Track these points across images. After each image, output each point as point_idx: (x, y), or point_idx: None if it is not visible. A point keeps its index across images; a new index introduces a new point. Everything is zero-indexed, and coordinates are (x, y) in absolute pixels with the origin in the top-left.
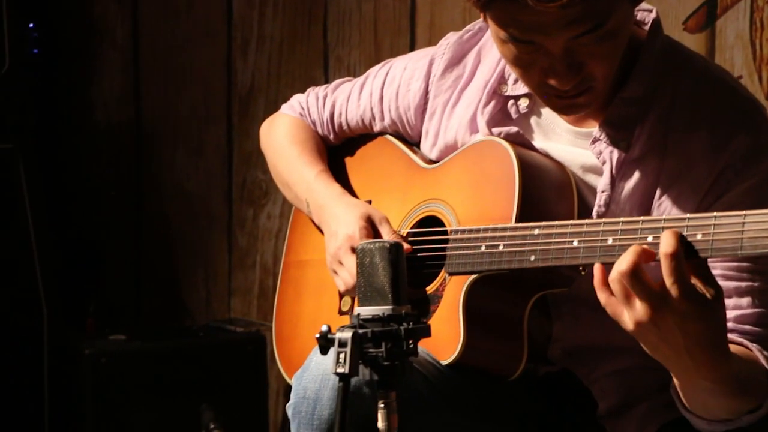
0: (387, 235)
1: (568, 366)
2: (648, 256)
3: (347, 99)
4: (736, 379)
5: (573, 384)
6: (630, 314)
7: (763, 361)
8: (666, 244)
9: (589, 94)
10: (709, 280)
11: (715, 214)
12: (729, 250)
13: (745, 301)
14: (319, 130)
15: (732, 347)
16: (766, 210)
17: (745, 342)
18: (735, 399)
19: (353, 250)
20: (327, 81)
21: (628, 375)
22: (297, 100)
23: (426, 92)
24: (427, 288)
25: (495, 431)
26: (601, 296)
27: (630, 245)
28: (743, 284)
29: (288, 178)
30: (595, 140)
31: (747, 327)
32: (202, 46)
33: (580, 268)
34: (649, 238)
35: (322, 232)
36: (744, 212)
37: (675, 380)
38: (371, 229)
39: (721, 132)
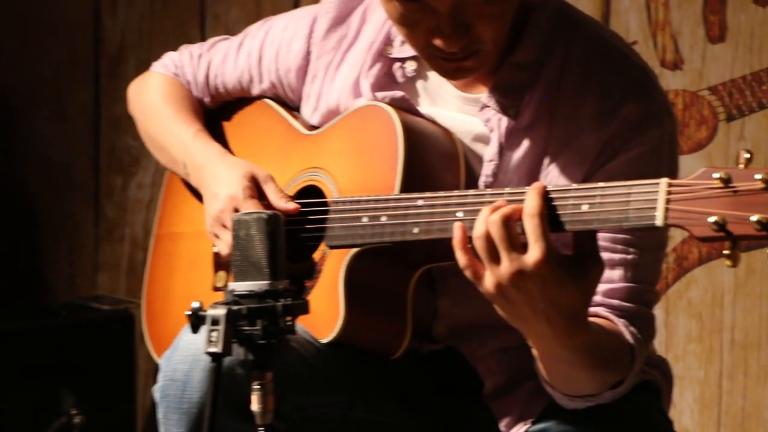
0: (273, 195)
1: (453, 344)
2: (516, 212)
3: (224, 59)
4: (597, 351)
5: (458, 363)
6: (491, 274)
7: (628, 336)
8: (529, 204)
9: (477, 57)
10: (589, 249)
11: (601, 184)
12: (615, 222)
13: (617, 274)
14: (194, 92)
15: (598, 320)
16: (653, 180)
17: (611, 317)
18: (595, 372)
19: (237, 211)
20: (203, 40)
21: (514, 352)
22: (170, 58)
23: (308, 53)
24: (306, 262)
25: (377, 412)
26: (462, 258)
27: None
28: (616, 256)
29: (162, 139)
30: (483, 107)
31: (615, 302)
32: (66, 0)
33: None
34: None
35: (199, 200)
36: (630, 182)
37: (534, 350)
38: (255, 189)
39: (610, 99)
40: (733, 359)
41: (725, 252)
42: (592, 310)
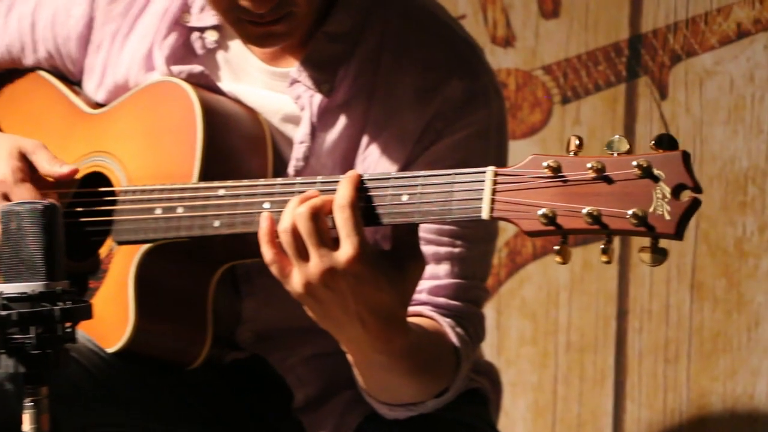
0: (44, 163)
1: (259, 351)
2: (327, 204)
3: None
4: (418, 356)
5: (265, 372)
6: (299, 272)
7: (453, 338)
8: (341, 194)
9: (289, 21)
10: (409, 244)
11: (422, 173)
12: (437, 214)
13: (443, 269)
14: None
15: (420, 321)
16: (479, 169)
17: (436, 316)
18: (417, 378)
19: (7, 199)
20: None
21: (329, 360)
22: None
23: (90, 19)
24: (91, 260)
25: (173, 430)
26: (267, 252)
27: None
28: (442, 250)
29: None
30: (293, 82)
31: (441, 300)
32: None
33: None
34: None
35: None
36: (454, 171)
37: (349, 356)
38: (28, 169)
39: (432, 76)
40: (569, 362)
41: (555, 247)
42: (414, 309)
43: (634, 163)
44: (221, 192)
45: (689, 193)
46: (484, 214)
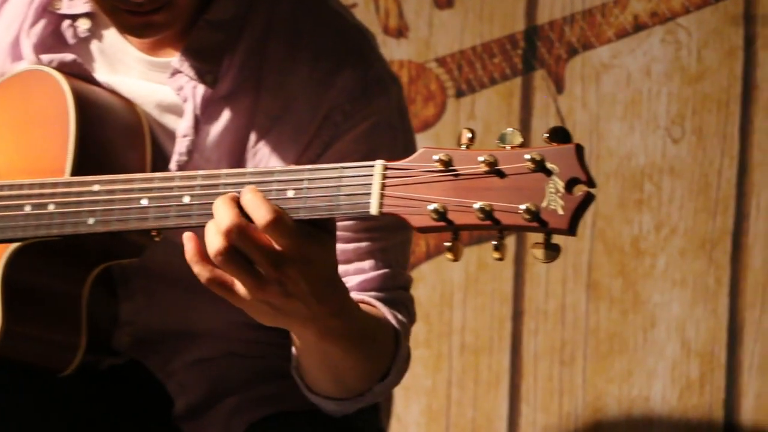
0: None
1: (138, 356)
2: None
3: None
4: (364, 321)
5: (143, 379)
6: (248, 281)
7: (391, 318)
8: (260, 215)
9: (169, 10)
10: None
11: (309, 167)
12: (324, 210)
13: (368, 263)
14: None
15: (361, 305)
16: (367, 163)
17: (371, 300)
18: (364, 351)
19: None
20: None
21: (213, 365)
22: None
23: None
24: None
25: None
26: (202, 271)
27: (211, 203)
28: (363, 245)
29: None
30: (175, 72)
31: (372, 293)
32: None
33: (153, 233)
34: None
35: None
36: (343, 165)
37: (297, 348)
38: None
39: (323, 66)
40: (463, 365)
41: (446, 244)
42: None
43: (527, 156)
44: (96, 188)
45: (583, 188)
46: (373, 210)
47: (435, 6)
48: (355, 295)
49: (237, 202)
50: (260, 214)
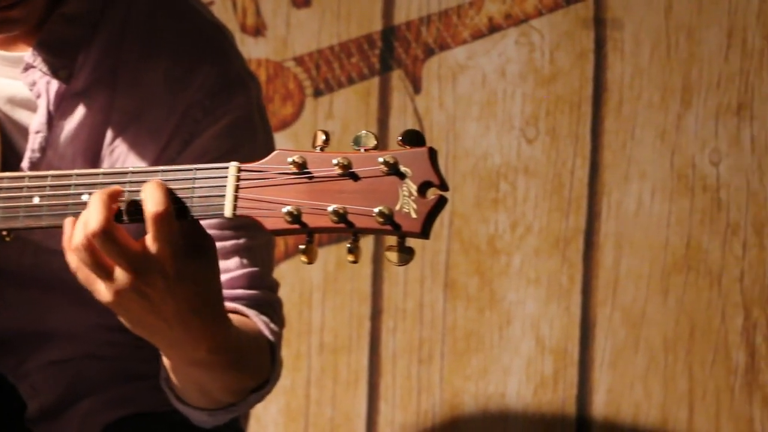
0: None
1: None
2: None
3: None
4: (237, 348)
5: None
6: (107, 284)
7: (264, 329)
8: (154, 201)
9: (25, 6)
10: (199, 231)
11: (162, 168)
12: (177, 212)
13: (233, 262)
14: None
15: (233, 317)
16: (221, 165)
17: (242, 308)
18: (238, 374)
19: None
20: None
21: (69, 366)
22: None
23: None
24: None
25: None
26: (71, 260)
27: (62, 204)
28: (228, 244)
29: None
30: (27, 67)
31: (239, 291)
32: None
33: (4, 234)
34: (84, 197)
35: None
36: (197, 166)
37: (166, 362)
38: None
39: (182, 63)
40: (322, 364)
41: (300, 246)
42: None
43: (381, 159)
44: None
45: (436, 191)
46: (227, 212)
47: (292, 5)
48: (226, 304)
49: (112, 201)
50: (152, 203)
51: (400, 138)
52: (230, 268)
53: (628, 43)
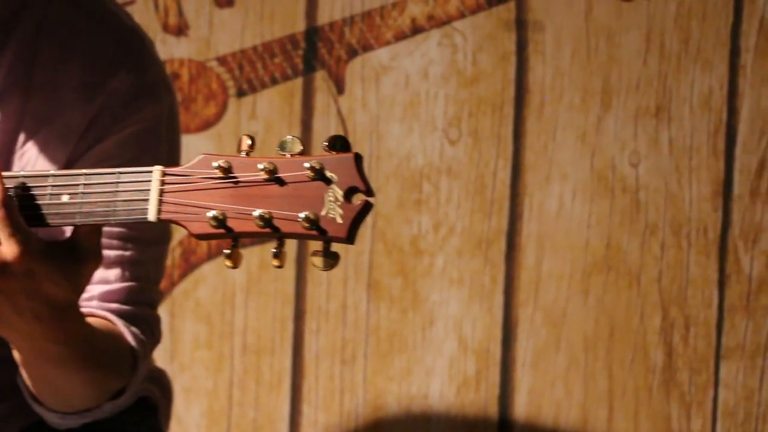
0: None
1: None
2: None
3: None
4: (93, 346)
5: None
6: None
7: (129, 337)
8: None
9: None
10: (75, 235)
11: (86, 171)
12: (101, 216)
13: (113, 273)
14: None
15: (94, 320)
16: (146, 168)
17: (110, 316)
18: (91, 375)
19: None
20: None
21: None
22: None
23: None
24: None
25: None
26: None
27: None
28: (112, 253)
29: None
30: None
31: (114, 305)
32: None
33: None
34: None
35: None
36: (121, 170)
37: (17, 356)
38: None
39: (97, 68)
40: (245, 366)
41: (225, 251)
42: (86, 311)
43: (307, 164)
44: None
45: (361, 197)
46: (151, 216)
47: (215, 4)
48: (95, 308)
49: None
50: None
51: (326, 143)
52: (109, 279)
53: (549, 45)
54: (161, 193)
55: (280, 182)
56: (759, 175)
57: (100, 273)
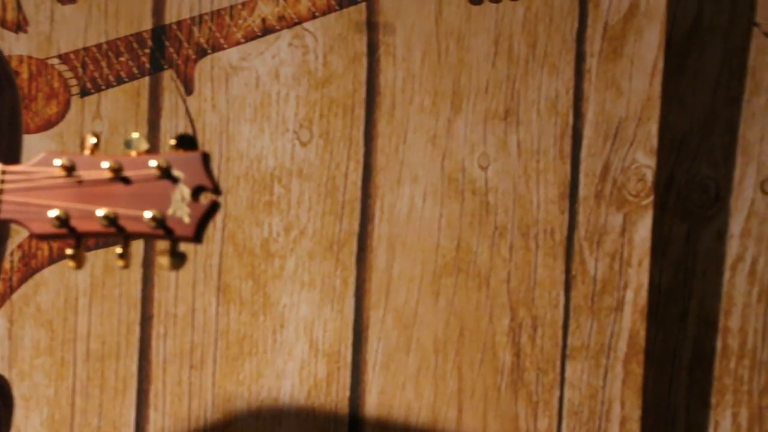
0: None
1: None
2: None
3: None
4: None
5: None
6: None
7: None
8: None
9: None
10: None
11: None
12: None
13: None
14: None
15: None
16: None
17: None
18: None
19: None
20: None
21: None
22: None
23: None
24: None
25: None
26: None
27: None
28: None
29: None
30: None
31: None
32: None
33: None
34: None
35: None
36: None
37: None
38: None
39: None
40: (88, 372)
41: (68, 252)
42: None
43: (153, 163)
44: None
45: (209, 195)
46: None
47: (57, 0)
48: None
49: None
50: None
51: (174, 142)
52: None
53: (400, 47)
54: (0, 192)
55: (126, 181)
56: (603, 178)
57: None
